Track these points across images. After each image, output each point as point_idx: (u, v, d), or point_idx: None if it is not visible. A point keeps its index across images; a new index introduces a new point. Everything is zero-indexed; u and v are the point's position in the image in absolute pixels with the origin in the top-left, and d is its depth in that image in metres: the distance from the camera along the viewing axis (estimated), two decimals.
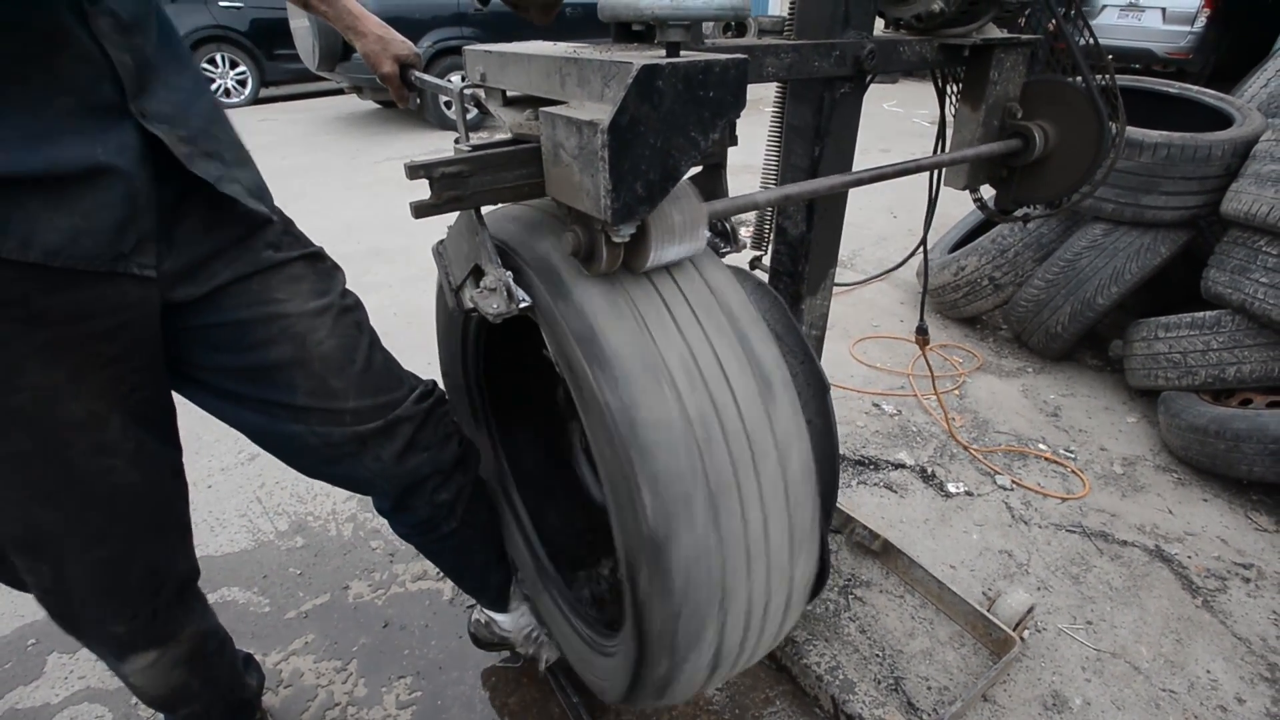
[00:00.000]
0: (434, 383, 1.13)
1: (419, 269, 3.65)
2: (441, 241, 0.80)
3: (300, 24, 1.43)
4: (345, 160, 5.71)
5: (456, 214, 0.76)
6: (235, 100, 7.87)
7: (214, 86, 7.70)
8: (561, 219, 0.75)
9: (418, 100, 1.23)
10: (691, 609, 0.71)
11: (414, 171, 0.68)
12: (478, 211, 0.70)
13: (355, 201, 4.71)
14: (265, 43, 7.78)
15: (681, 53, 0.63)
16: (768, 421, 0.72)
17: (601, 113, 0.59)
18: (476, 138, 0.73)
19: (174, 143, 0.75)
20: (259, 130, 6.74)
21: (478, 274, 0.74)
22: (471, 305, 0.75)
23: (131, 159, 0.72)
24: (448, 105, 6.69)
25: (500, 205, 0.79)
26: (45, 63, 0.67)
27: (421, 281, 3.50)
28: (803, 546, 0.79)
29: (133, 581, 0.94)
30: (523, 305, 0.71)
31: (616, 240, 0.65)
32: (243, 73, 7.85)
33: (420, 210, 0.70)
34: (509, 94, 0.83)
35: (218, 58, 7.63)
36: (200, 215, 0.82)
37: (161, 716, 1.32)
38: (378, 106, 7.84)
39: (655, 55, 0.62)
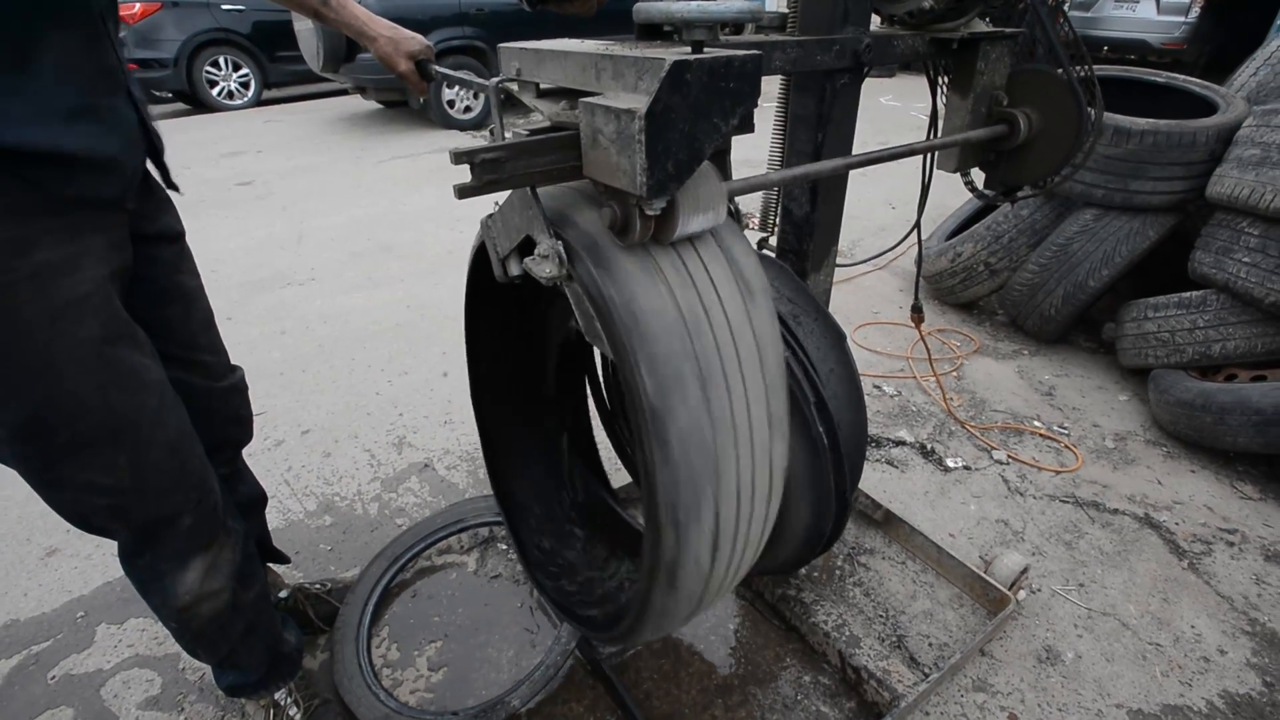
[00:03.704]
0: None
1: (429, 264, 3.74)
2: (490, 216, 0.89)
3: (304, 26, 1.48)
4: (351, 160, 5.80)
5: (483, 198, 0.85)
6: (239, 103, 7.95)
7: (217, 89, 7.80)
8: (595, 198, 0.84)
9: (420, 100, 1.32)
10: (689, 474, 0.80)
11: (458, 158, 0.77)
12: (534, 189, 0.79)
13: (363, 200, 4.80)
14: (268, 45, 7.86)
15: (704, 50, 0.72)
16: (748, 321, 0.84)
17: (637, 102, 0.68)
18: (485, 132, 0.82)
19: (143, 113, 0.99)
20: (264, 132, 6.82)
21: (525, 245, 0.84)
22: (518, 272, 0.85)
23: (133, 126, 0.95)
24: (450, 105, 6.78)
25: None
26: (92, 50, 0.86)
27: (432, 275, 3.60)
28: (778, 429, 0.89)
29: (194, 467, 1.08)
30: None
31: (649, 213, 0.74)
32: (245, 75, 7.93)
33: (463, 192, 0.80)
34: (543, 86, 0.92)
35: (221, 60, 7.71)
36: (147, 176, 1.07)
37: (209, 677, 1.42)
38: (380, 107, 7.92)
39: (681, 52, 0.71)
